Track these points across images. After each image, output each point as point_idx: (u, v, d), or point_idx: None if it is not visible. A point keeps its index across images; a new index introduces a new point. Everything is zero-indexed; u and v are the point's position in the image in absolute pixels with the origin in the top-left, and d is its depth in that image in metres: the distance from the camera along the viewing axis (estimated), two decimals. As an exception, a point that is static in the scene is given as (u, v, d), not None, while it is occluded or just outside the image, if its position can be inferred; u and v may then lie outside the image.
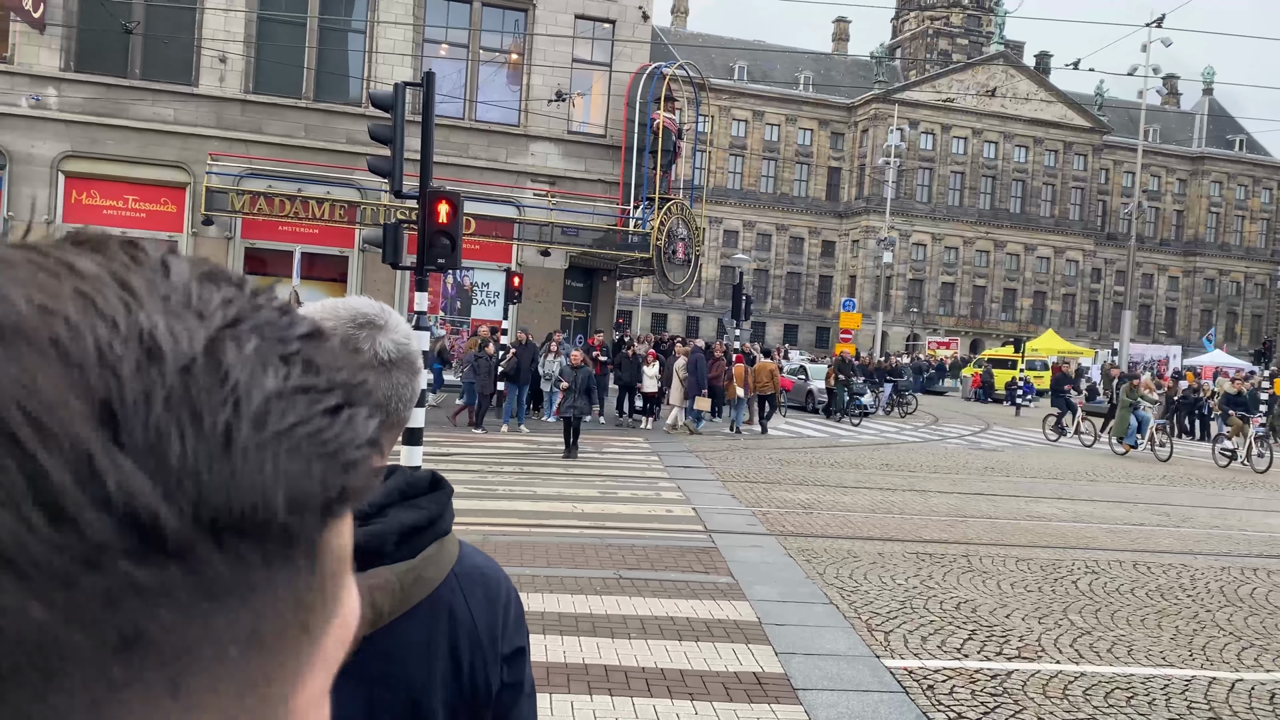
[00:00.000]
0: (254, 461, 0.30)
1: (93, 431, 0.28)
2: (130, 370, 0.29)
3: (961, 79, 79.48)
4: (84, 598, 0.27)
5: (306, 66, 23.92)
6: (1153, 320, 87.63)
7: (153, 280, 0.31)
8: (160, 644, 0.29)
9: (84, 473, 0.27)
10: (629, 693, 5.78)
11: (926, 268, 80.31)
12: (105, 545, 0.27)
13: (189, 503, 0.29)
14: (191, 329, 0.31)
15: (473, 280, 25.18)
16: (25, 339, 0.28)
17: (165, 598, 0.29)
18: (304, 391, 0.32)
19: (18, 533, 0.26)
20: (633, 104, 25.17)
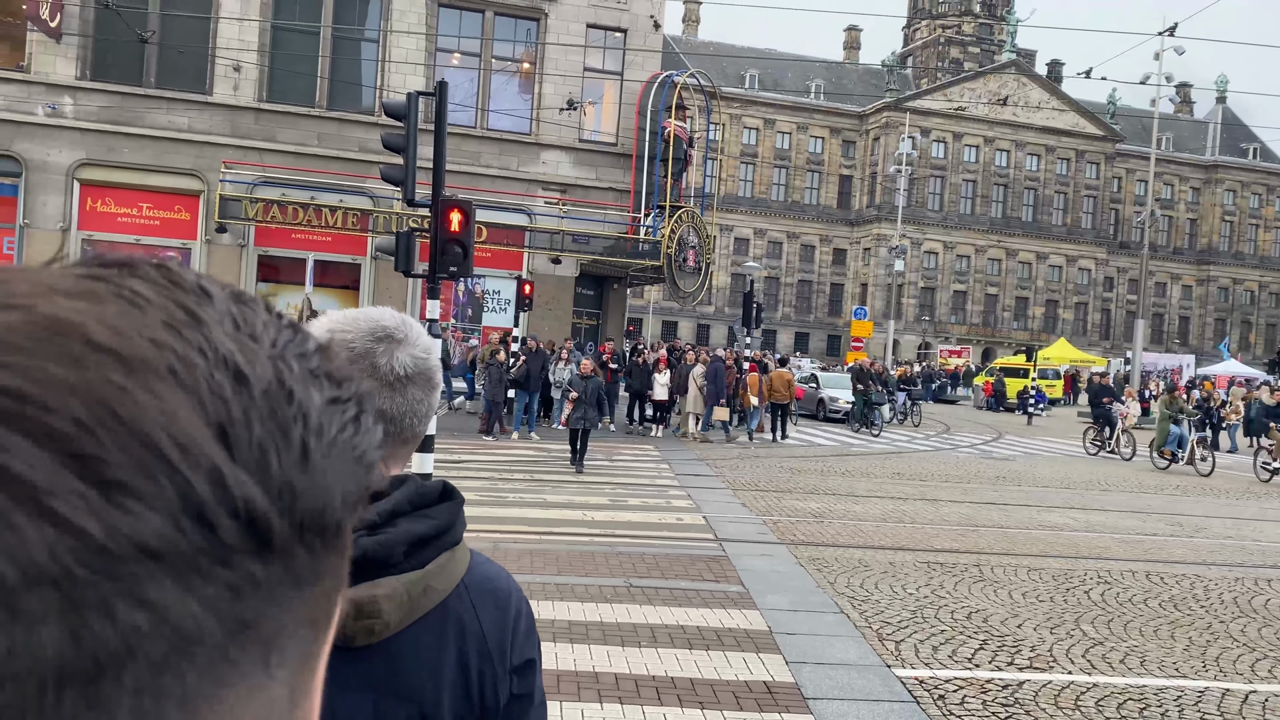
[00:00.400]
0: (321, 469, 0.35)
1: (218, 451, 0.33)
2: (232, 395, 0.34)
3: (973, 87, 79.37)
4: (218, 590, 0.33)
5: (320, 75, 24.05)
6: (1166, 329, 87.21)
7: (206, 307, 0.36)
8: (262, 627, 0.34)
9: (218, 486, 0.32)
10: (639, 701, 5.78)
11: (938, 276, 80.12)
12: (234, 546, 0.33)
13: (287, 508, 0.34)
14: (257, 354, 0.36)
15: (484, 288, 25.25)
16: (152, 371, 0.32)
17: (270, 589, 0.34)
18: (335, 403, 0.37)
19: (173, 538, 0.31)
20: (644, 112, 25.23)
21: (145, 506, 0.31)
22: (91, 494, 0.30)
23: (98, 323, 0.32)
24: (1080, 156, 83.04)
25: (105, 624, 0.30)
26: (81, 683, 0.30)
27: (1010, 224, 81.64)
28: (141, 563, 0.31)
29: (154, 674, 0.31)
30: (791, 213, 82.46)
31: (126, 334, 0.33)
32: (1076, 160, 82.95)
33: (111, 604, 0.30)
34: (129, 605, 0.30)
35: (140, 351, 0.32)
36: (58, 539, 0.29)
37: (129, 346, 0.32)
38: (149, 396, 0.32)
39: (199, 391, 0.33)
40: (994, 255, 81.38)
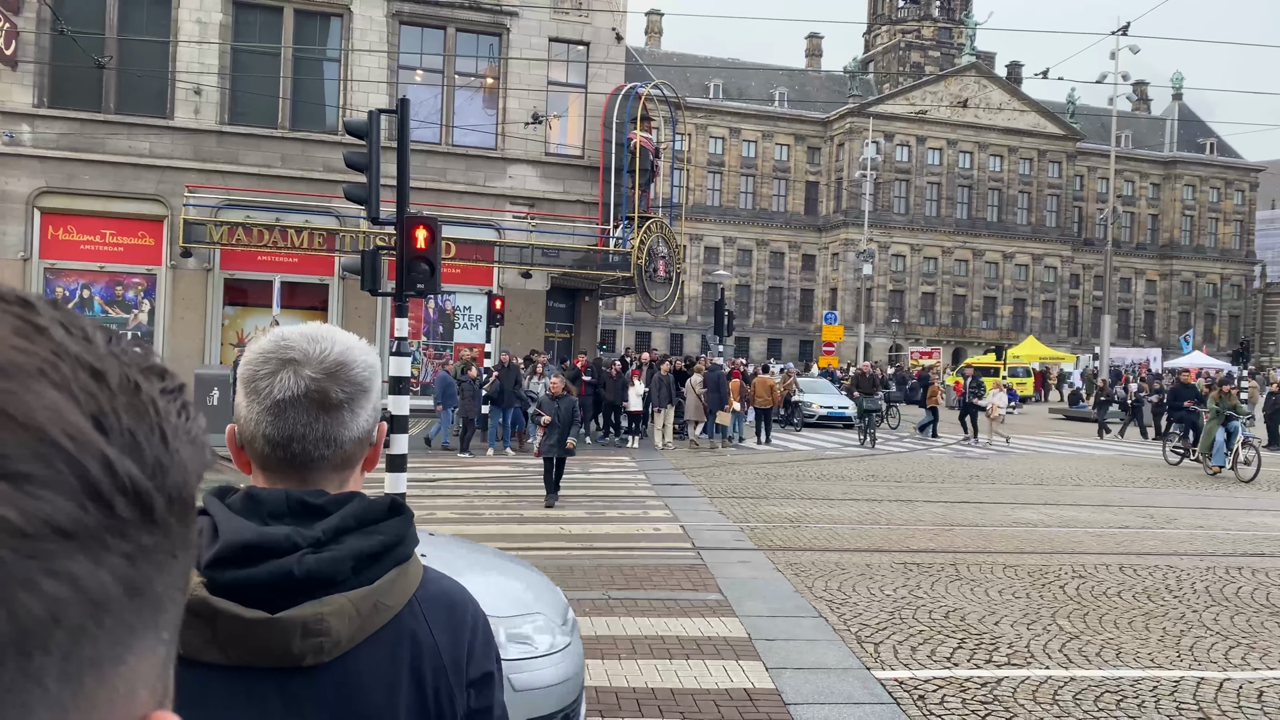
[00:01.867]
0: (175, 449, 0.40)
1: (100, 438, 0.37)
2: (97, 390, 0.38)
3: (935, 91, 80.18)
4: (117, 560, 0.37)
5: (281, 96, 23.92)
6: (1132, 324, 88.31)
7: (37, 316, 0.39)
8: (150, 593, 0.39)
9: (108, 469, 0.37)
10: (620, 714, 5.76)
11: (906, 278, 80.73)
12: (127, 520, 0.37)
13: (161, 484, 0.39)
14: (100, 353, 0.39)
15: (454, 304, 25.16)
16: (26, 373, 0.36)
17: (156, 556, 0.39)
18: (165, 394, 0.41)
19: (80, 516, 0.35)
20: (609, 124, 25.28)
21: (52, 492, 0.35)
22: (4, 486, 0.34)
23: None
24: (1042, 156, 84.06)
25: (32, 598, 0.34)
26: (16, 654, 0.33)
27: (976, 225, 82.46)
28: (56, 541, 0.34)
29: (74, 641, 0.35)
30: (760, 220, 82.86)
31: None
32: (1039, 160, 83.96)
33: (35, 580, 0.34)
34: (50, 579, 0.34)
35: (10, 358, 0.36)
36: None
37: (1, 355, 0.36)
38: (33, 396, 0.35)
39: (70, 389, 0.37)
40: (961, 256, 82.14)
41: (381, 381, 1.34)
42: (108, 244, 23.11)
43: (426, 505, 12.48)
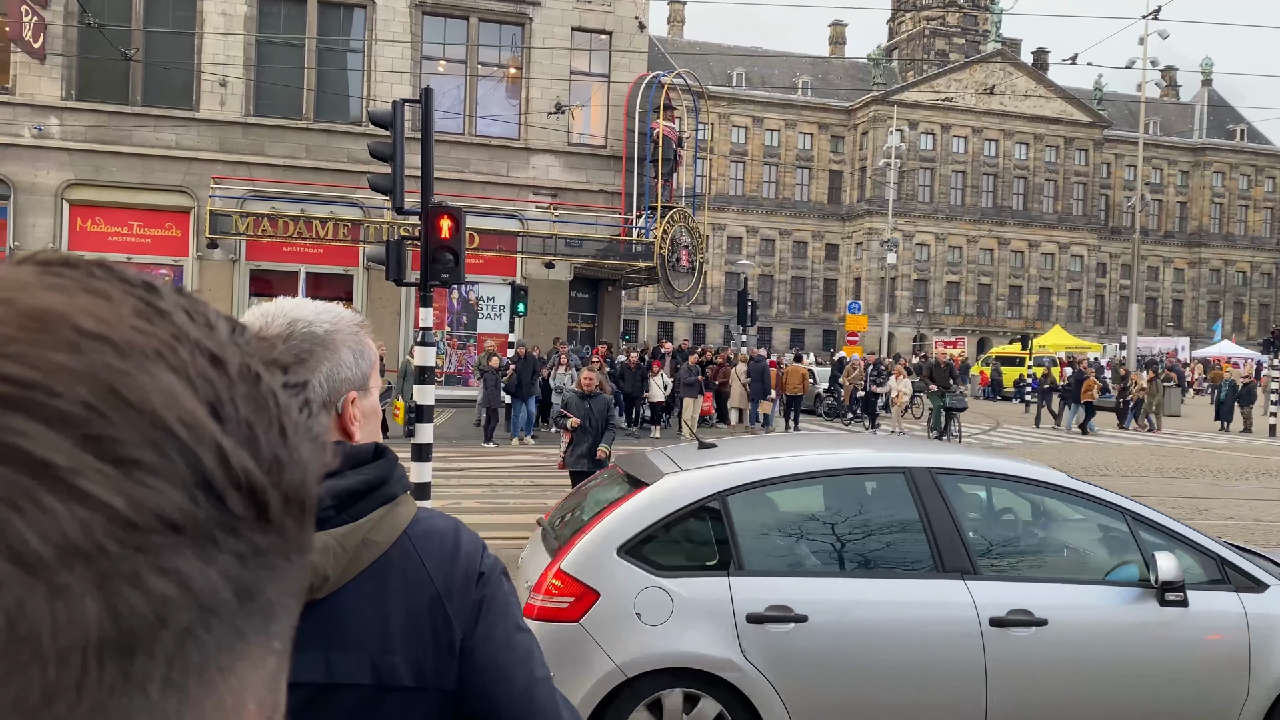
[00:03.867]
0: (295, 445, 0.37)
1: (216, 427, 0.34)
2: (215, 376, 0.35)
3: (959, 78, 79.47)
4: (229, 559, 0.34)
5: (306, 87, 24.02)
6: (1159, 313, 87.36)
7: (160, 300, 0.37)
8: (263, 597, 0.36)
9: (222, 460, 0.34)
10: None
11: (931, 268, 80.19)
12: (240, 516, 0.34)
13: (277, 481, 0.36)
14: (221, 340, 0.37)
15: (478, 294, 25.22)
16: (143, 354, 0.34)
17: (269, 558, 0.36)
18: (287, 388, 0.39)
19: (190, 509, 0.33)
20: (632, 114, 25.23)
21: (162, 481, 0.32)
22: (112, 471, 0.31)
23: (82, 312, 0.33)
24: (1068, 143, 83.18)
25: (137, 595, 0.31)
26: (119, 656, 0.31)
27: (1001, 213, 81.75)
28: (164, 534, 0.32)
29: (179, 645, 0.32)
30: (783, 210, 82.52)
31: (111, 322, 0.34)
32: (1065, 147, 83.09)
33: (142, 575, 0.31)
34: (157, 575, 0.32)
35: (128, 337, 0.33)
36: (88, 516, 0.30)
37: (117, 333, 0.33)
38: (148, 378, 0.33)
39: (187, 373, 0.34)
40: (986, 245, 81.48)
41: (357, 353, 1.37)
42: (135, 235, 23.32)
43: (452, 494, 12.54)
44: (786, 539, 4.83)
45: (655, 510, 4.47)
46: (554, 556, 4.45)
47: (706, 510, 4.52)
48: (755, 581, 4.37)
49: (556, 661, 4.25)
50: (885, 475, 4.95)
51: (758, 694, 4.21)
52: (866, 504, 4.95)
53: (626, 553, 4.35)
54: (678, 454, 5.13)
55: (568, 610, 4.25)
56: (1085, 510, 4.94)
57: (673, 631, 4.24)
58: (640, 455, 5.42)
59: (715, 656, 4.21)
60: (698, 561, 4.51)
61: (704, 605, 4.28)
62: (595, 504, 5.04)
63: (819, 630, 4.28)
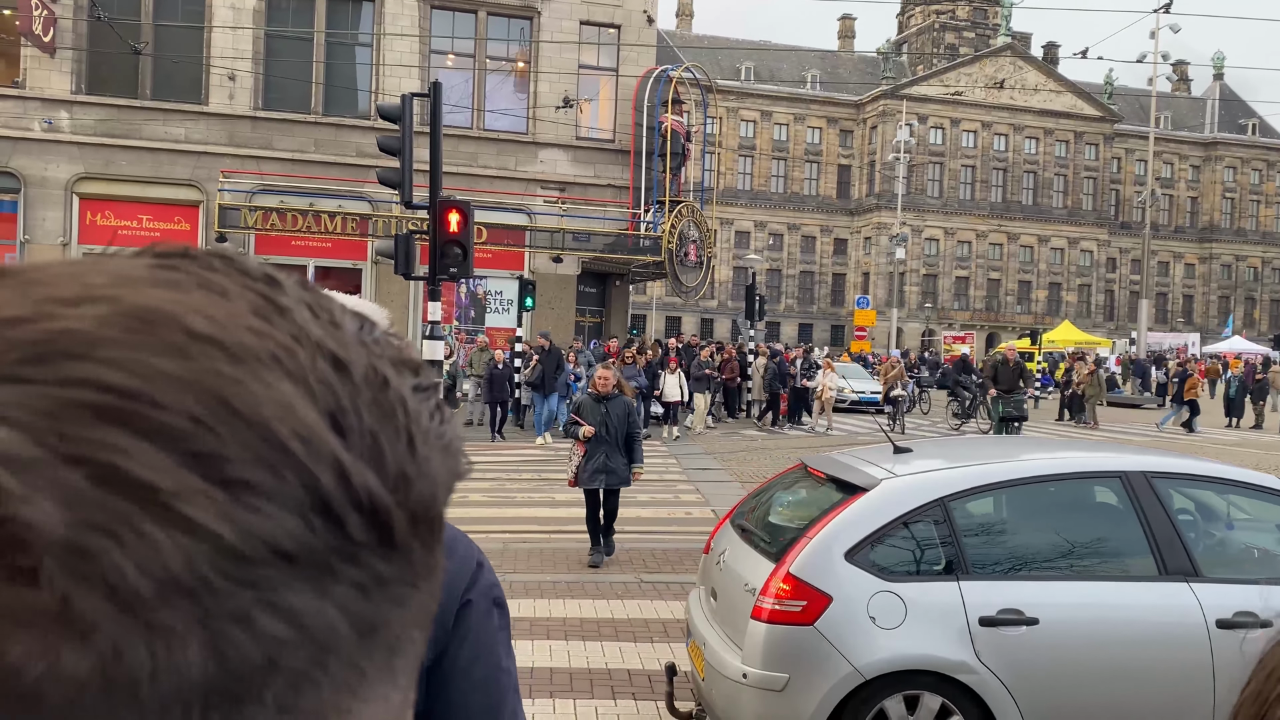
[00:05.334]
0: (425, 457, 0.33)
1: (335, 441, 0.30)
2: (337, 383, 0.31)
3: (969, 72, 79.15)
4: (348, 591, 0.30)
5: (315, 81, 24.04)
6: (1169, 308, 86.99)
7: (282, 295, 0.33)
8: (387, 631, 0.32)
9: (342, 479, 0.30)
10: (653, 696, 5.77)
11: (940, 262, 79.96)
12: (361, 543, 0.30)
13: (403, 499, 0.32)
14: (346, 340, 0.33)
15: (486, 289, 25.24)
16: (257, 359, 0.30)
17: (394, 588, 0.32)
18: (418, 390, 0.35)
19: (305, 537, 0.29)
20: (640, 108, 25.19)
21: (275, 505, 0.29)
22: (219, 495, 0.28)
23: (193, 312, 0.30)
24: (1079, 138, 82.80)
25: (246, 636, 0.28)
26: (226, 704, 0.28)
27: (1010, 208, 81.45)
28: (276, 566, 0.28)
29: (293, 690, 0.29)
30: (791, 204, 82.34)
31: (224, 323, 0.30)
32: (1075, 142, 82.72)
33: (251, 614, 0.28)
34: (268, 614, 0.28)
35: (242, 340, 0.30)
36: (192, 546, 0.27)
37: (230, 335, 0.30)
38: (261, 386, 0.30)
39: (306, 380, 0.31)
40: (995, 240, 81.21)
41: None
42: (145, 229, 23.38)
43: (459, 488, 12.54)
44: (1009, 543, 4.97)
45: (879, 516, 4.60)
46: (778, 560, 4.55)
47: (930, 515, 4.64)
48: (984, 585, 4.50)
49: (791, 663, 4.32)
50: (1101, 480, 5.04)
51: (992, 695, 4.34)
52: (1084, 508, 5.07)
53: (853, 557, 4.48)
54: (877, 457, 5.27)
55: (801, 614, 4.37)
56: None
57: (908, 635, 4.37)
58: (833, 458, 5.53)
59: (951, 659, 4.35)
60: (924, 566, 4.63)
61: (936, 609, 4.42)
62: (798, 506, 5.24)
63: (1049, 633, 4.38)
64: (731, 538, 5.25)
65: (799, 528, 4.77)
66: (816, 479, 5.34)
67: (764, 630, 4.38)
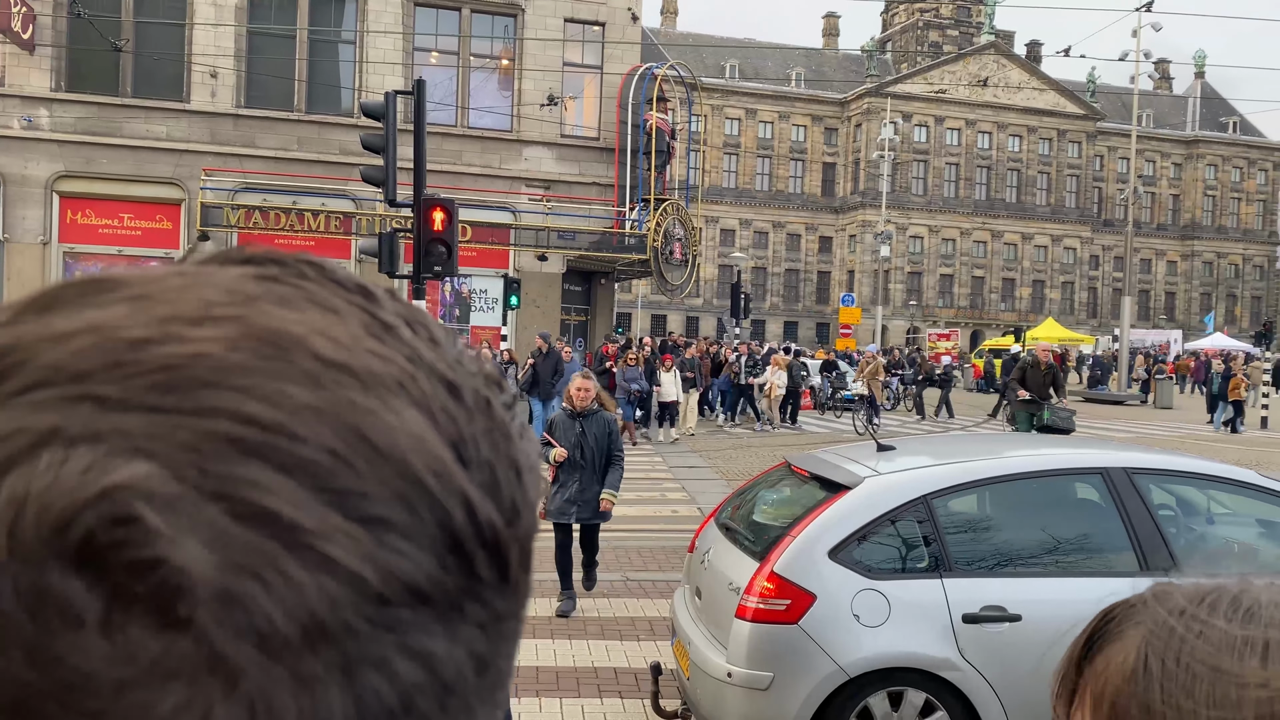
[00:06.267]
0: (529, 485, 0.32)
1: (462, 474, 0.29)
2: (456, 409, 0.30)
3: (953, 70, 79.44)
4: (473, 631, 0.29)
5: (297, 79, 23.90)
6: (1152, 305, 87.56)
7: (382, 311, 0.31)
8: (496, 665, 0.31)
9: (470, 515, 0.29)
10: (639, 695, 5.76)
11: (924, 260, 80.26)
12: (484, 580, 0.29)
13: (516, 533, 0.31)
14: (449, 357, 0.32)
15: (470, 287, 25.17)
16: (386, 387, 0.28)
17: (506, 623, 0.31)
18: (508, 409, 0.33)
19: (440, 577, 0.28)
20: (625, 106, 25.16)
21: (413, 545, 0.27)
22: (360, 534, 0.26)
23: (318, 334, 0.29)
24: (1062, 136, 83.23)
25: (384, 682, 0.27)
26: None
27: (994, 206, 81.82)
28: (413, 608, 0.27)
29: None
30: (776, 202, 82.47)
31: (348, 346, 0.29)
32: (1058, 140, 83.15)
33: (389, 658, 0.27)
34: (405, 658, 0.27)
35: (369, 365, 0.29)
36: (337, 589, 0.26)
37: (357, 360, 0.29)
38: (394, 417, 0.28)
39: (431, 408, 0.29)
40: (979, 237, 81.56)
41: None
42: (126, 227, 23.20)
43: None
44: (992, 540, 5.00)
45: (863, 514, 4.61)
46: (763, 559, 4.55)
47: (913, 513, 4.65)
48: (967, 583, 4.53)
49: (776, 662, 4.33)
50: (1082, 476, 5.07)
51: (976, 692, 4.37)
52: (1066, 504, 5.09)
53: (836, 555, 4.49)
54: (861, 455, 5.29)
55: (785, 612, 4.38)
56: (1278, 508, 5.01)
57: (892, 632, 4.39)
58: (816, 456, 5.53)
59: (935, 656, 4.38)
60: (908, 563, 4.65)
61: (920, 606, 4.44)
62: (782, 504, 5.24)
63: (1033, 629, 4.39)
64: (716, 537, 5.25)
65: (783, 526, 4.77)
66: (800, 477, 5.34)
67: (748, 629, 4.38)
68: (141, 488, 0.25)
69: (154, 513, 0.25)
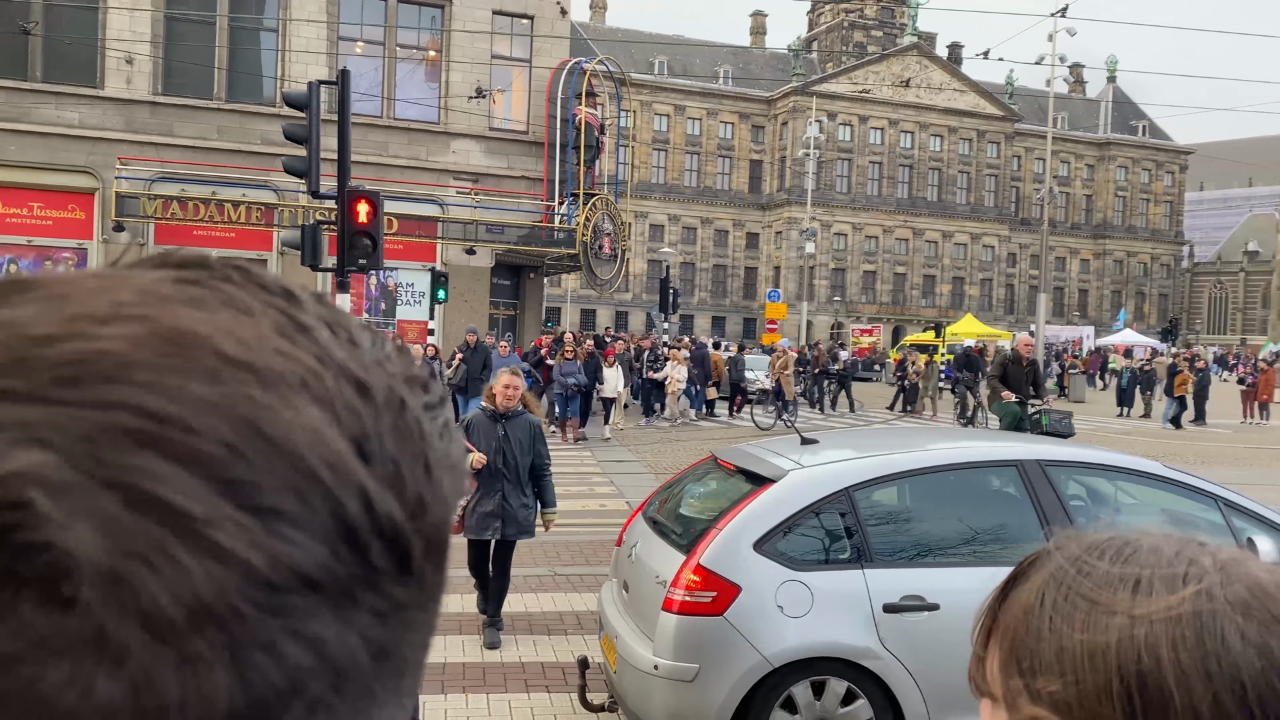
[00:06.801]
0: (439, 480, 0.33)
1: (361, 468, 0.30)
2: (362, 408, 0.31)
3: (877, 70, 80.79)
4: (366, 618, 0.30)
5: (217, 66, 23.31)
6: (1067, 302, 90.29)
7: (302, 313, 0.33)
8: (399, 654, 0.32)
9: (367, 507, 0.30)
10: (566, 689, 5.79)
11: (848, 257, 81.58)
12: (382, 570, 0.31)
13: (420, 524, 0.32)
14: (365, 361, 0.33)
15: (397, 281, 24.86)
16: (287, 384, 0.30)
17: (407, 612, 0.32)
18: (429, 410, 0.34)
19: (332, 565, 0.29)
20: (554, 100, 25.08)
21: (304, 534, 0.29)
22: (250, 523, 0.28)
23: (224, 334, 0.30)
24: (981, 136, 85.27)
25: (272, 665, 0.28)
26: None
27: (916, 204, 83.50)
28: (303, 594, 0.29)
29: (310, 715, 0.29)
30: (704, 198, 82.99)
31: (253, 345, 0.30)
32: (978, 140, 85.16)
33: (277, 642, 0.28)
34: (294, 642, 0.28)
35: (271, 364, 0.30)
36: (224, 575, 0.27)
37: (260, 359, 0.30)
38: (292, 413, 0.29)
39: (333, 405, 0.31)
40: (901, 235, 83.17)
41: None
42: (36, 217, 22.38)
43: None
44: (912, 531, 5.10)
45: (786, 506, 4.67)
46: (689, 552, 4.58)
47: (835, 505, 4.73)
48: (887, 573, 4.63)
49: (701, 653, 4.37)
50: (999, 468, 5.18)
51: (896, 680, 4.47)
52: (983, 495, 5.22)
53: (761, 547, 4.54)
54: (785, 449, 5.35)
55: (711, 605, 4.43)
56: (1179, 497, 5.19)
57: (815, 623, 4.47)
58: (742, 450, 5.60)
59: (856, 645, 4.48)
60: (831, 555, 4.72)
61: (842, 597, 4.52)
62: (708, 498, 5.28)
63: (950, 618, 4.48)
64: (643, 531, 5.30)
65: (709, 519, 4.84)
66: (727, 471, 5.41)
67: (674, 621, 4.45)
68: (36, 475, 0.26)
69: (47, 499, 0.26)
